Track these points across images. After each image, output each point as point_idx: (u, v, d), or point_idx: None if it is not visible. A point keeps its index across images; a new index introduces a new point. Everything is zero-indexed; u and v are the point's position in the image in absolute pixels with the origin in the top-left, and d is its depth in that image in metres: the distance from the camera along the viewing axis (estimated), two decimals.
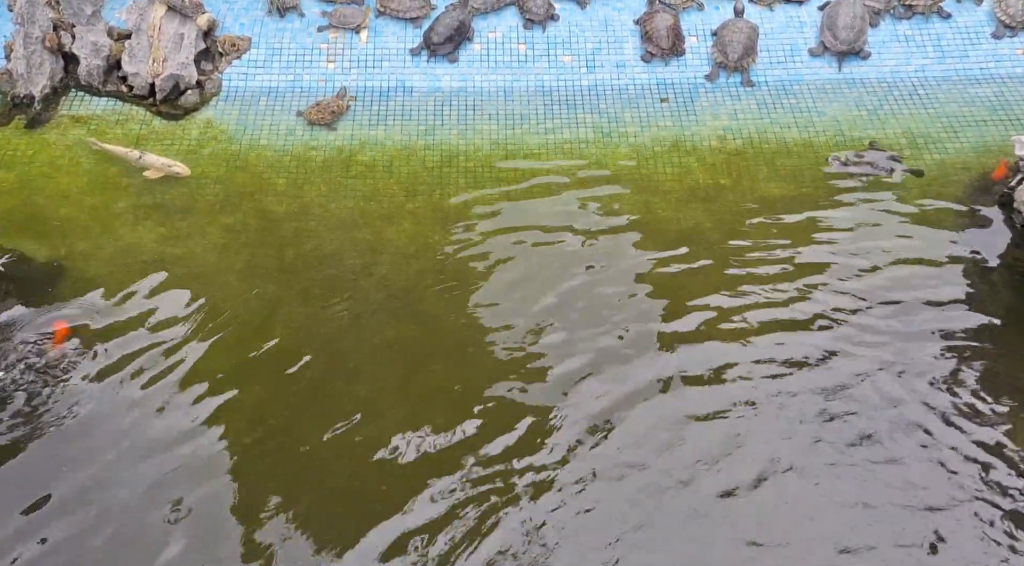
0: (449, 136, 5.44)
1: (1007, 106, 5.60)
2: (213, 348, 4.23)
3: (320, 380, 4.13)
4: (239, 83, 5.76)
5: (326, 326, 4.35)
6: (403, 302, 4.48)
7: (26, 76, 5.43)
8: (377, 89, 5.75)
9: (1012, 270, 4.58)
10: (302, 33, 5.97)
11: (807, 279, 4.54)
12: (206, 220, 4.88)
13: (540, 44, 5.96)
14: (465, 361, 4.23)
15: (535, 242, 4.77)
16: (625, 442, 3.87)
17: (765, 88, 5.77)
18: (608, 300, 4.46)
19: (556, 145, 5.39)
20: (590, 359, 4.19)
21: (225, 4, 6.11)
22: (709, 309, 4.40)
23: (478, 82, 5.80)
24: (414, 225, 4.87)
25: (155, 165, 5.10)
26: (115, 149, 5.19)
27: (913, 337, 4.27)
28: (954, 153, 5.31)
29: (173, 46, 5.60)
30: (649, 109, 5.63)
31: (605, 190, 5.09)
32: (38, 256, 4.67)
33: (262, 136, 5.42)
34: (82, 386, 4.07)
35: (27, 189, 5.07)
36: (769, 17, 6.06)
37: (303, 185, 5.10)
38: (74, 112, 5.56)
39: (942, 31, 6.01)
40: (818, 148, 5.33)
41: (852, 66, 5.88)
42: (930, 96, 5.71)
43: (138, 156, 5.12)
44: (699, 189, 5.09)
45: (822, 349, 4.22)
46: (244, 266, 4.64)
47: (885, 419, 3.94)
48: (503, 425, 3.94)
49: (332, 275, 4.60)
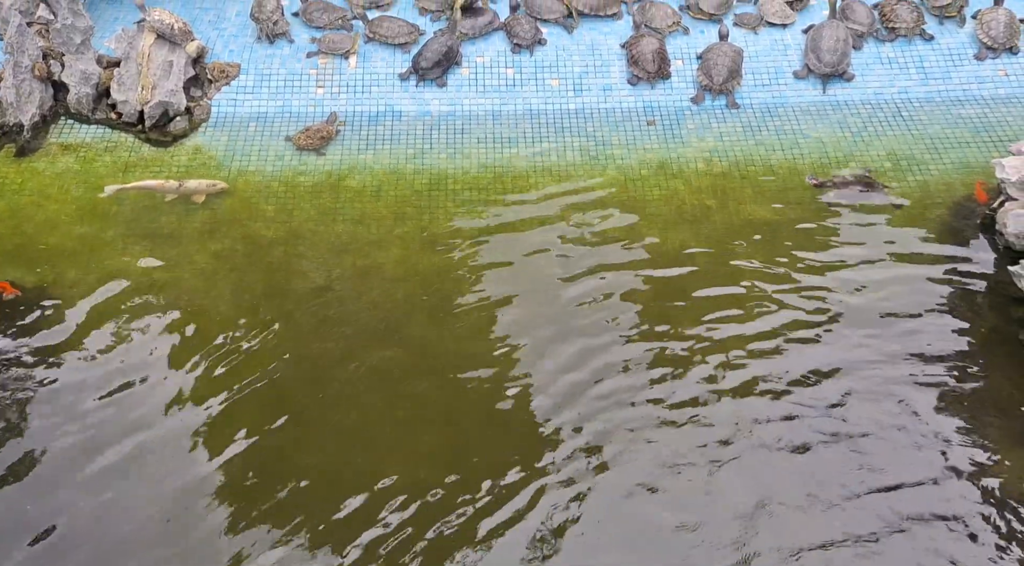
0: (438, 160, 5.48)
1: (990, 127, 5.65)
2: (200, 374, 4.24)
3: (308, 405, 4.13)
4: (228, 109, 5.80)
5: (314, 351, 4.36)
6: (391, 326, 4.49)
7: (15, 105, 5.47)
8: (366, 114, 5.80)
9: (995, 291, 4.60)
10: (291, 59, 6.02)
11: (792, 300, 4.56)
12: (194, 247, 4.90)
13: (528, 68, 6.01)
14: (454, 385, 4.23)
15: (523, 265, 4.80)
16: (617, 465, 3.87)
17: (750, 110, 5.82)
18: (596, 323, 4.47)
19: (544, 168, 5.42)
20: (579, 382, 4.19)
21: (215, 31, 6.18)
22: (696, 331, 4.42)
23: (467, 106, 5.85)
24: (403, 249, 4.90)
25: (199, 189, 5.18)
26: (150, 184, 5.21)
27: (897, 357, 4.28)
28: (937, 174, 5.35)
29: (162, 73, 5.65)
30: (636, 132, 5.67)
31: (593, 212, 5.12)
32: (26, 284, 4.68)
33: (251, 162, 5.46)
34: (70, 413, 4.07)
35: (16, 217, 5.09)
36: (754, 40, 6.13)
37: (292, 210, 5.13)
38: (63, 140, 5.60)
39: (925, 53, 6.07)
40: (803, 170, 5.37)
41: (836, 88, 5.93)
42: (913, 117, 5.76)
43: (177, 185, 5.18)
44: (686, 211, 5.13)
45: (808, 370, 4.24)
46: (232, 292, 4.65)
47: (870, 439, 3.95)
48: (491, 450, 3.95)
49: (320, 300, 4.61)
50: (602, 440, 3.96)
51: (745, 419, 4.04)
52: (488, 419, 4.07)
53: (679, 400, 4.12)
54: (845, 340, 4.37)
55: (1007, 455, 3.91)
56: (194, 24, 6.08)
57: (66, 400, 4.14)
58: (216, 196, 5.18)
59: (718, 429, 3.99)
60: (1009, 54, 6.01)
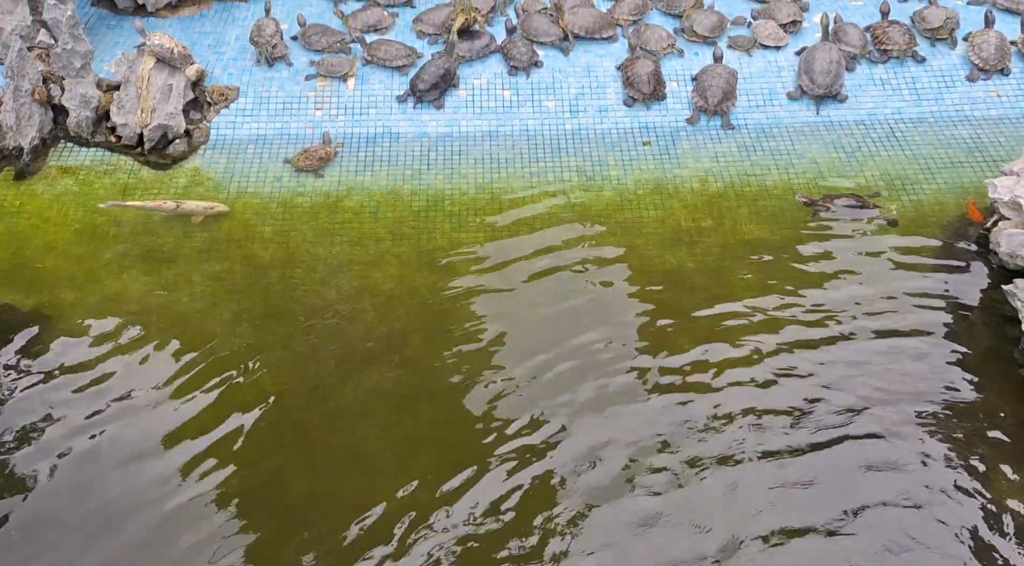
0: (435, 180, 5.50)
1: (983, 148, 5.69)
2: (197, 396, 4.23)
3: (305, 426, 4.13)
4: (227, 132, 5.84)
5: (311, 372, 4.36)
6: (389, 346, 4.49)
7: (15, 129, 5.50)
8: (364, 135, 5.84)
9: (990, 310, 4.60)
10: (290, 82, 6.07)
11: (787, 320, 4.57)
12: (192, 268, 4.91)
13: (524, 90, 6.06)
14: (451, 407, 4.23)
15: (520, 285, 4.80)
16: (615, 486, 3.86)
17: (745, 131, 5.86)
18: (593, 342, 4.47)
19: (541, 188, 5.45)
20: (575, 402, 4.19)
21: (214, 55, 6.24)
22: (693, 350, 4.42)
23: (464, 127, 5.89)
24: (400, 269, 4.91)
25: (196, 210, 5.18)
26: (147, 204, 5.20)
27: (892, 376, 4.28)
28: (931, 194, 5.38)
29: (162, 97, 5.69)
30: (632, 152, 5.71)
31: (590, 232, 5.14)
32: (23, 306, 4.70)
33: (249, 183, 5.49)
34: (67, 436, 4.07)
35: (15, 240, 5.11)
36: (748, 62, 6.19)
37: (290, 231, 5.15)
38: (62, 163, 5.63)
39: (917, 74, 6.13)
40: (798, 189, 5.40)
41: (830, 109, 5.98)
42: (907, 138, 5.80)
43: (174, 206, 5.17)
44: (682, 231, 5.15)
45: (804, 390, 4.24)
46: (230, 314, 4.66)
47: (864, 458, 3.95)
48: (489, 469, 3.93)
49: (318, 321, 4.61)
50: (601, 463, 3.95)
51: (738, 442, 4.03)
52: (485, 442, 4.05)
53: (679, 422, 4.11)
54: (840, 359, 4.37)
55: (1003, 474, 3.90)
56: (194, 48, 6.14)
57: (62, 422, 4.12)
58: (215, 218, 5.20)
59: (715, 448, 3.98)
60: (1001, 75, 6.07)
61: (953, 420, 4.13)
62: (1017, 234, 4.50)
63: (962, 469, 3.93)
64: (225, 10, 6.67)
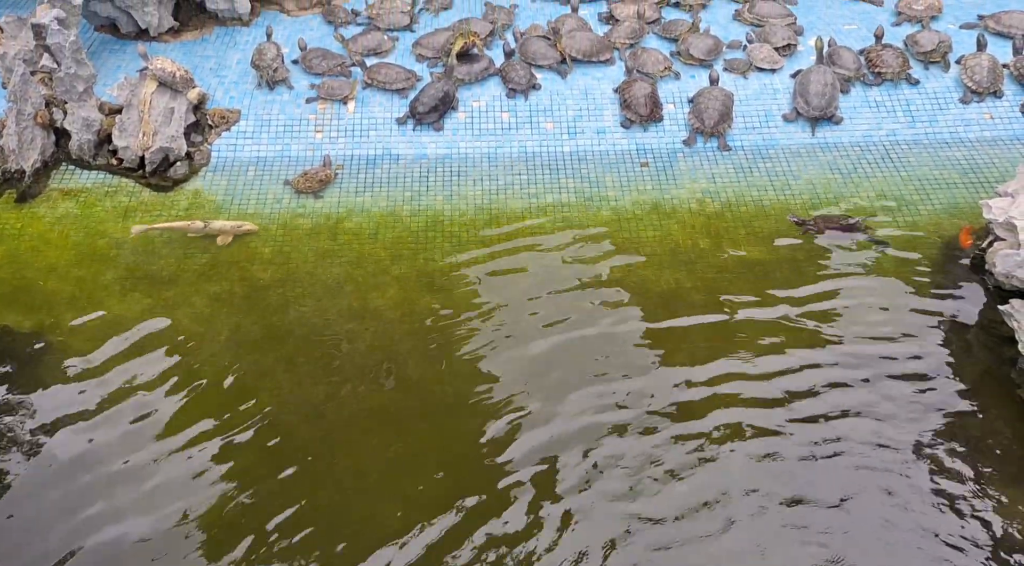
0: (434, 202, 5.54)
1: (977, 169, 5.74)
2: (197, 418, 4.23)
3: (305, 448, 4.12)
4: (228, 154, 5.89)
5: (311, 394, 4.36)
6: (388, 368, 4.50)
7: (17, 152, 5.54)
8: (364, 157, 5.88)
9: (987, 331, 4.62)
10: (291, 105, 6.13)
11: (785, 341, 4.58)
12: (192, 290, 4.93)
13: (523, 112, 6.12)
14: (451, 428, 4.23)
15: (519, 306, 4.82)
16: (616, 507, 3.85)
17: (741, 152, 5.91)
18: (593, 364, 4.48)
19: (539, 209, 5.49)
20: (575, 423, 4.19)
21: (216, 78, 6.31)
22: (691, 372, 4.43)
23: (463, 149, 5.94)
24: (399, 290, 4.93)
25: (224, 230, 5.22)
26: (175, 225, 5.25)
27: (890, 398, 4.29)
28: (927, 215, 5.42)
29: (163, 120, 5.74)
30: (629, 173, 5.76)
31: (588, 253, 5.17)
32: (23, 328, 4.71)
33: (250, 205, 5.52)
34: (65, 457, 4.06)
35: (16, 263, 5.12)
36: (744, 85, 6.26)
37: (290, 253, 5.17)
38: (64, 185, 5.66)
39: (912, 97, 6.20)
40: (795, 210, 5.43)
41: (825, 131, 6.04)
42: (902, 159, 5.85)
43: (202, 226, 5.22)
44: (680, 251, 5.17)
45: (800, 411, 4.24)
46: (229, 335, 4.67)
47: (863, 480, 3.94)
48: (490, 492, 3.92)
49: (317, 342, 4.62)
50: (600, 486, 3.94)
51: (736, 464, 4.03)
52: (485, 463, 4.05)
53: (680, 442, 4.10)
54: (838, 381, 4.38)
55: (1002, 495, 3.90)
56: (196, 72, 6.21)
57: (61, 443, 4.12)
58: (242, 237, 5.22)
59: (712, 472, 3.98)
60: (994, 98, 6.14)
61: (951, 440, 4.13)
62: (1012, 255, 4.52)
63: (961, 490, 3.93)
64: (227, 34, 6.76)
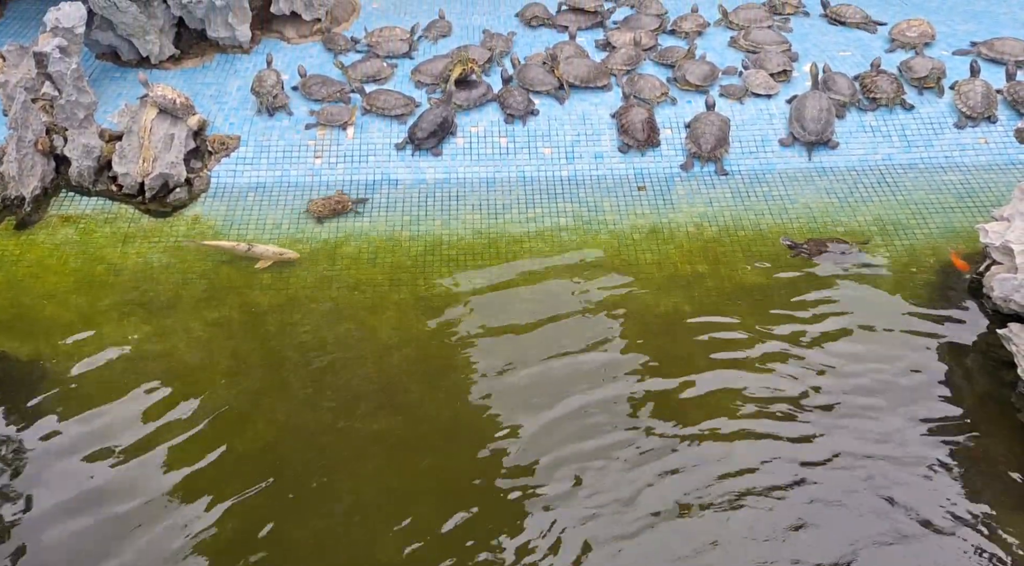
0: (433, 226, 5.55)
1: (973, 193, 5.77)
2: (194, 445, 4.20)
3: (303, 476, 4.08)
4: (227, 180, 5.91)
5: (309, 421, 4.33)
6: (387, 394, 4.48)
7: (18, 178, 5.56)
8: (363, 182, 5.91)
9: (986, 355, 4.61)
10: (290, 131, 6.17)
11: (784, 365, 4.57)
12: (190, 315, 4.92)
13: (521, 137, 6.16)
14: (450, 454, 4.20)
15: (518, 331, 4.81)
16: (618, 536, 3.81)
17: (738, 177, 5.95)
18: (593, 389, 4.46)
19: (537, 233, 5.50)
20: (576, 451, 4.16)
21: (216, 105, 6.35)
22: (692, 396, 4.41)
23: (461, 174, 5.97)
24: (398, 315, 4.92)
25: (265, 254, 5.24)
26: (222, 244, 5.31)
27: (890, 422, 4.27)
28: (923, 239, 5.43)
29: (163, 146, 5.77)
30: (627, 198, 5.78)
31: (586, 277, 5.17)
32: (20, 355, 4.69)
33: (249, 231, 5.53)
34: (61, 485, 4.02)
35: (14, 289, 5.12)
36: (740, 110, 6.31)
37: (288, 278, 5.17)
38: (63, 212, 5.68)
39: (906, 122, 6.24)
40: (792, 234, 5.45)
41: (821, 155, 6.08)
42: (898, 184, 5.88)
43: (246, 248, 5.25)
44: (678, 275, 5.18)
45: (799, 435, 4.22)
46: (227, 361, 4.65)
47: (862, 503, 3.91)
48: (491, 520, 3.89)
49: (315, 368, 4.61)
50: (603, 513, 3.90)
51: (736, 491, 4.00)
52: (486, 490, 4.02)
53: (681, 470, 4.08)
54: (836, 403, 4.36)
55: (1003, 521, 3.86)
56: (196, 98, 6.26)
57: (56, 469, 4.08)
58: (282, 264, 5.23)
59: (714, 493, 3.96)
60: (988, 123, 6.19)
61: (951, 465, 4.10)
62: (1009, 279, 4.54)
63: (962, 515, 3.90)
64: (227, 62, 6.83)
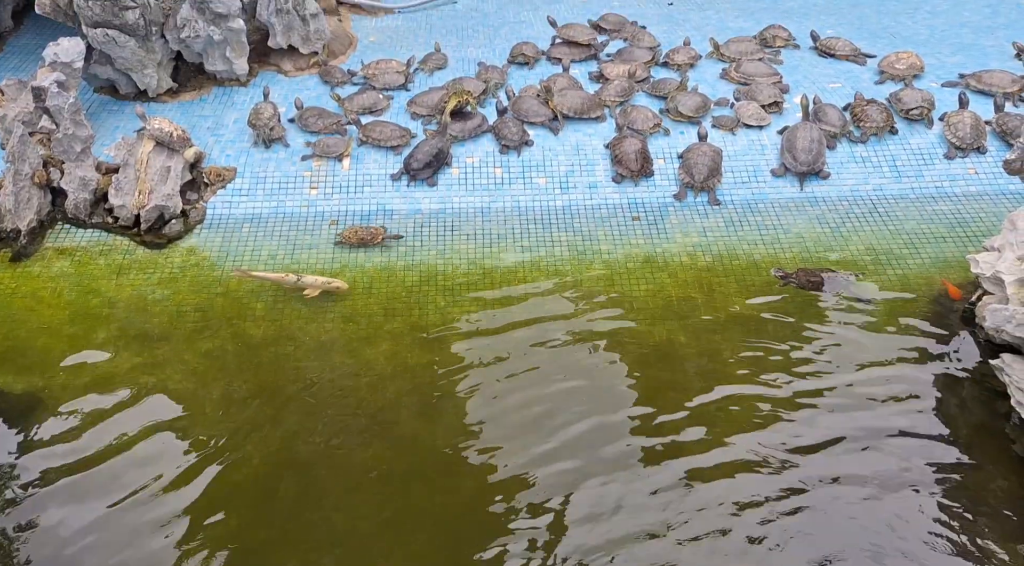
0: (428, 256, 5.57)
1: (964, 223, 5.81)
2: (186, 477, 4.18)
3: (296, 508, 4.06)
4: (223, 211, 5.94)
5: (302, 452, 4.31)
6: (381, 424, 4.46)
7: (14, 211, 5.58)
8: (358, 212, 5.94)
9: (980, 385, 4.61)
10: (286, 162, 6.21)
11: (778, 396, 4.57)
12: (184, 347, 4.92)
13: (516, 168, 6.21)
14: (445, 486, 4.17)
15: (513, 360, 4.81)
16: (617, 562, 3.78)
17: (731, 207, 5.99)
18: (587, 419, 4.45)
19: (532, 263, 5.52)
20: (570, 481, 4.14)
21: (213, 137, 6.40)
22: (687, 427, 4.39)
23: (456, 204, 6.01)
24: (392, 345, 4.92)
25: (315, 284, 5.25)
26: (270, 276, 5.32)
27: (884, 453, 4.26)
28: (916, 268, 5.46)
29: (160, 178, 5.80)
30: (621, 227, 5.81)
31: (582, 306, 5.18)
32: (15, 388, 4.67)
33: (244, 261, 5.54)
34: (54, 520, 3.99)
35: (8, 322, 5.12)
36: (732, 141, 6.37)
37: (283, 309, 5.18)
38: (59, 244, 5.69)
39: (897, 152, 6.30)
40: (785, 264, 5.48)
41: (813, 185, 6.13)
42: (890, 213, 5.92)
43: (295, 279, 5.26)
44: (673, 304, 5.20)
45: (793, 466, 4.20)
46: (220, 393, 4.64)
47: (857, 536, 3.88)
48: (485, 552, 3.85)
49: (309, 399, 4.59)
50: (600, 543, 3.88)
51: (729, 521, 3.98)
52: (481, 522, 3.99)
53: (677, 500, 4.06)
54: (830, 435, 4.34)
55: (999, 551, 3.84)
56: (193, 131, 6.31)
57: (51, 503, 4.05)
58: (331, 294, 5.24)
59: (701, 529, 3.93)
60: (977, 153, 6.26)
61: (946, 497, 4.08)
62: (1001, 309, 4.55)
63: (957, 548, 3.87)
64: (225, 94, 6.90)
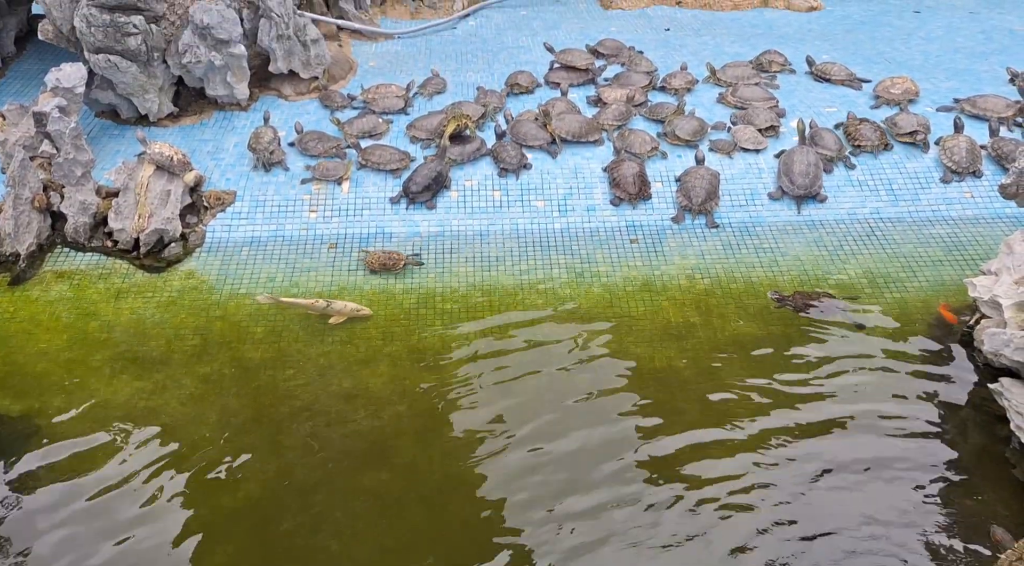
0: (426, 279, 5.58)
1: (961, 246, 5.83)
2: (184, 502, 4.15)
3: (293, 533, 4.02)
4: (222, 234, 5.96)
5: (300, 476, 4.29)
6: (379, 449, 4.44)
7: (13, 235, 5.59)
8: (357, 235, 5.96)
9: (979, 409, 4.61)
10: (286, 185, 6.24)
11: (776, 419, 4.56)
12: (182, 371, 4.91)
13: (514, 191, 6.24)
14: (444, 511, 4.14)
15: (512, 383, 4.80)
16: None
17: (729, 230, 6.01)
18: (586, 443, 4.43)
19: (531, 286, 5.53)
20: (570, 507, 4.11)
21: (213, 161, 6.44)
22: (685, 450, 4.38)
23: (455, 227, 6.03)
24: (391, 368, 4.91)
25: (343, 311, 5.26)
26: (299, 302, 5.32)
27: (884, 479, 4.24)
28: (914, 292, 5.48)
29: (159, 202, 5.82)
30: (619, 250, 5.83)
31: (580, 329, 5.18)
32: (12, 413, 4.65)
33: (242, 285, 5.55)
34: (52, 542, 3.95)
35: (6, 347, 5.11)
36: (729, 164, 6.41)
37: (281, 332, 5.17)
38: (58, 268, 5.70)
39: (893, 176, 6.35)
40: (783, 286, 5.49)
41: (810, 209, 6.16)
42: (886, 237, 5.95)
43: (325, 305, 5.27)
44: (671, 327, 5.20)
45: (791, 493, 4.18)
46: (218, 417, 4.62)
47: (856, 561, 3.85)
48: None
49: (307, 423, 4.57)
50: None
51: (726, 546, 3.94)
52: (479, 548, 3.96)
53: (676, 525, 4.03)
54: (830, 460, 4.33)
55: None
56: (193, 155, 6.34)
57: (46, 528, 4.02)
58: (357, 321, 5.25)
59: (700, 552, 3.90)
60: (973, 177, 6.30)
61: (946, 521, 4.06)
62: (999, 333, 4.55)
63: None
64: (225, 119, 6.94)
